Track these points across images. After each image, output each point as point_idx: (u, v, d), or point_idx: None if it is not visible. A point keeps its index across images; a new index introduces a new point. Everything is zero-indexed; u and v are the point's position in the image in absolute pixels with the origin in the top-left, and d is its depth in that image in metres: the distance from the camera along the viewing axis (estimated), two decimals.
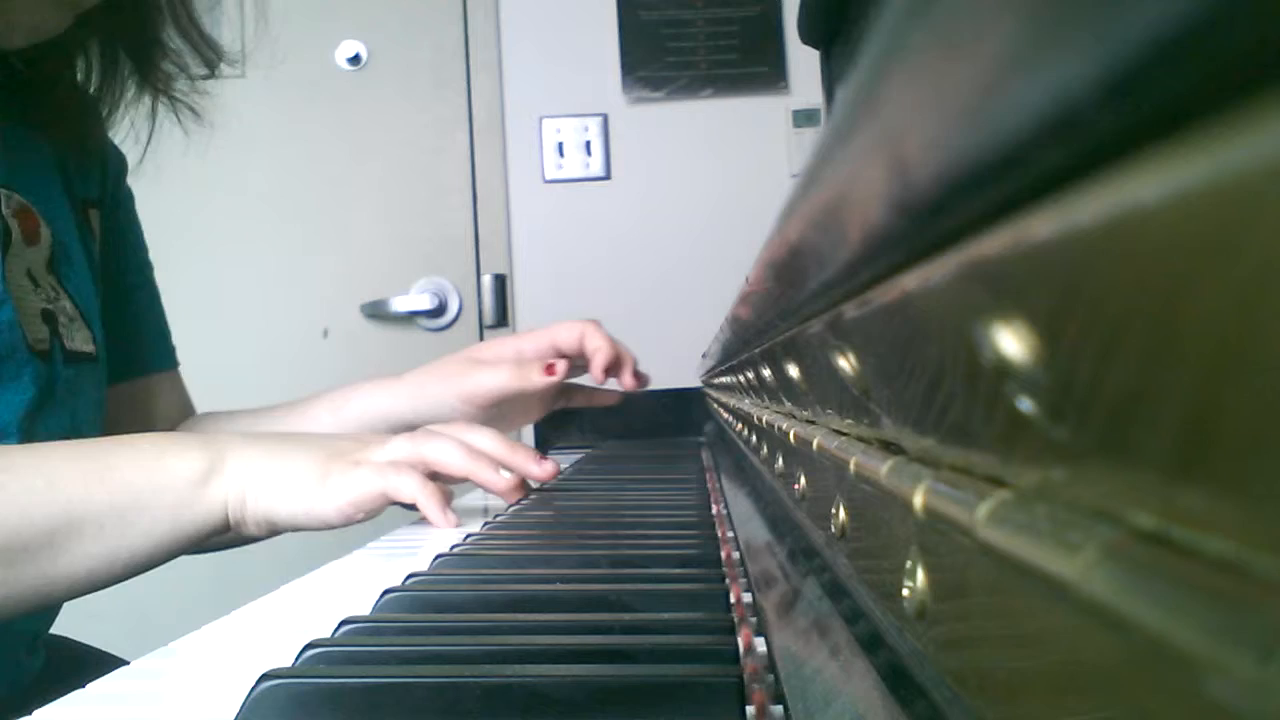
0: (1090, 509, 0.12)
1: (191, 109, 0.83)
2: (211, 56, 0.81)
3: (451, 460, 0.68)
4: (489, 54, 2.07)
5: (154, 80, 0.80)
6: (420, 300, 2.02)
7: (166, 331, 0.92)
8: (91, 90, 0.79)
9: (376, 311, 2.03)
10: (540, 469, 0.74)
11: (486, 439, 0.72)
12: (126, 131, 0.82)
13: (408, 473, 0.64)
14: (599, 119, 2.05)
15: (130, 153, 0.85)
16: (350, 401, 0.89)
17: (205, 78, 0.82)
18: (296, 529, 0.64)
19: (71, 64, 0.78)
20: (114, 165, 0.86)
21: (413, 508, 0.66)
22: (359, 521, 0.64)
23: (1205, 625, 0.09)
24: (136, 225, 0.90)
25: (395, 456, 0.66)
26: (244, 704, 0.30)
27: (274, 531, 0.64)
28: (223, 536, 0.63)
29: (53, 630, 0.80)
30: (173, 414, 0.92)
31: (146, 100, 0.81)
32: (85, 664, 0.80)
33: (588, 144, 2.05)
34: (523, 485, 0.75)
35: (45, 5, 0.65)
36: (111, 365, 0.80)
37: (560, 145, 2.05)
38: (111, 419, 0.80)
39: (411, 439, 0.68)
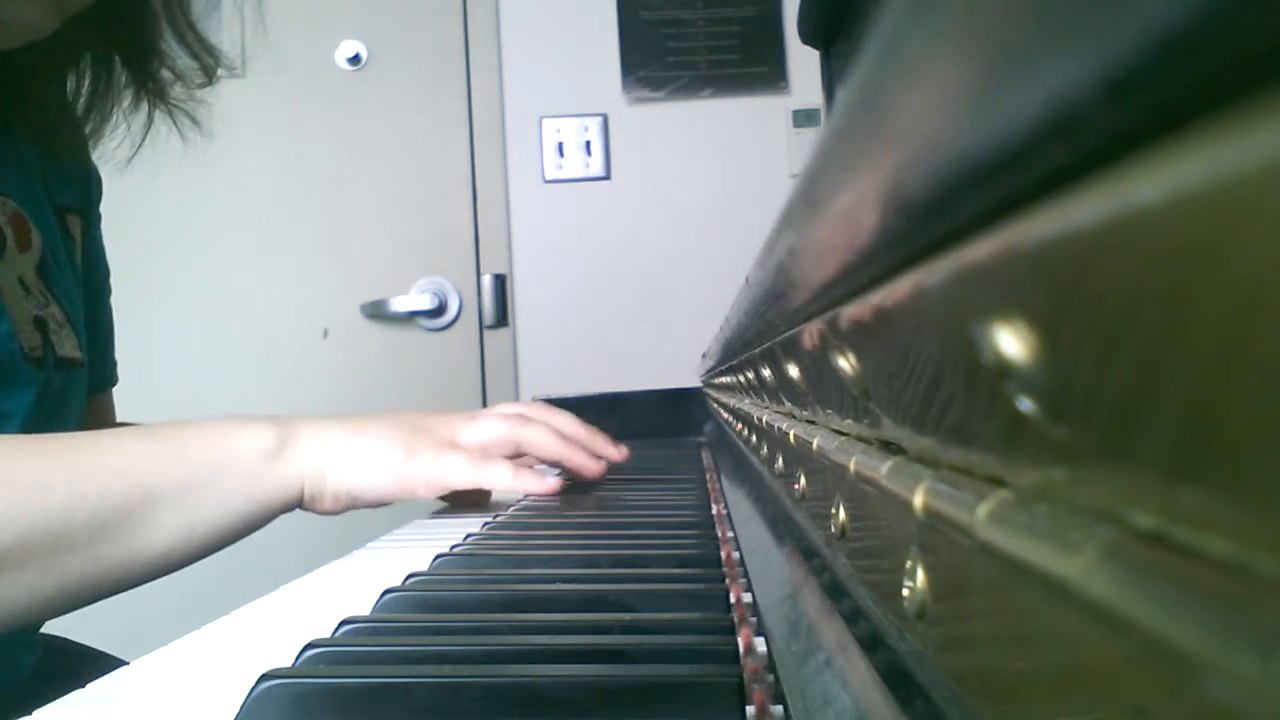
0: (1090, 509, 0.12)
1: (190, 116, 0.82)
2: (210, 63, 0.80)
3: (545, 445, 0.73)
4: (489, 54, 2.07)
5: (150, 88, 0.79)
6: (420, 300, 2.02)
7: (112, 348, 0.92)
8: (83, 100, 0.78)
9: (376, 311, 2.03)
10: (618, 453, 0.81)
11: (571, 423, 0.78)
12: (122, 136, 0.81)
13: (501, 464, 0.67)
14: (599, 119, 2.05)
15: (122, 152, 0.84)
16: None
17: (202, 85, 0.81)
18: (381, 503, 0.66)
19: (62, 74, 0.77)
20: (95, 184, 0.86)
21: None
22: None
23: (1205, 625, 0.09)
24: (103, 246, 0.90)
25: (488, 439, 0.70)
26: (244, 704, 0.30)
27: (353, 506, 0.65)
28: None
29: (50, 630, 0.80)
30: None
31: (143, 107, 0.80)
32: (82, 663, 0.80)
33: (588, 144, 2.05)
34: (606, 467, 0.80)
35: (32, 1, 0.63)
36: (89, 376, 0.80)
37: (560, 145, 2.05)
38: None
39: (506, 420, 0.72)
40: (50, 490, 0.53)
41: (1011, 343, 0.13)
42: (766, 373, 0.50)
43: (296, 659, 0.34)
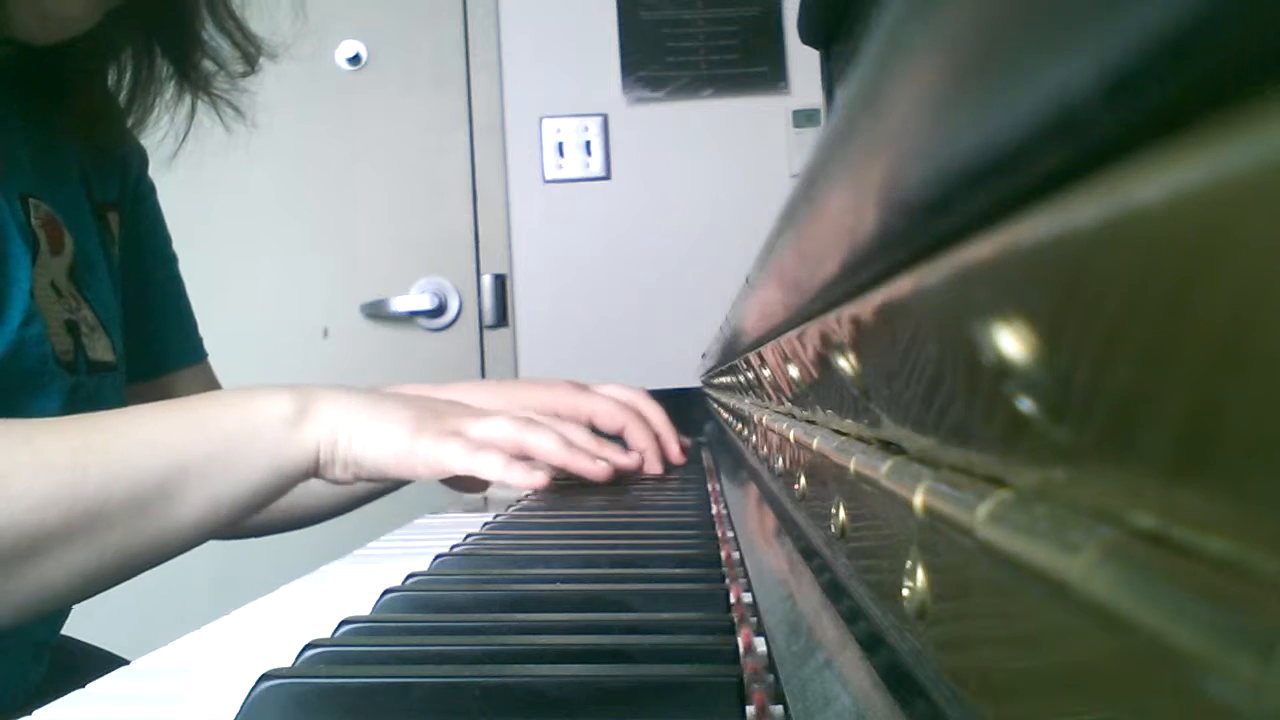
0: (1090, 509, 0.12)
1: (233, 106, 0.82)
2: (252, 52, 0.80)
3: (549, 452, 0.71)
4: (489, 54, 2.07)
5: (193, 78, 0.79)
6: (420, 300, 2.02)
7: (192, 325, 0.92)
8: (124, 93, 0.78)
9: (376, 311, 2.03)
10: (629, 459, 0.79)
11: (580, 433, 0.76)
12: (166, 129, 0.81)
13: (495, 453, 0.67)
14: (599, 119, 2.05)
15: (166, 148, 0.84)
16: None
17: (244, 74, 0.81)
18: (382, 476, 0.67)
19: (104, 67, 0.77)
20: (135, 161, 0.85)
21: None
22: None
23: (1205, 625, 0.09)
24: (160, 219, 0.89)
25: (493, 437, 0.70)
26: (244, 704, 0.30)
27: (359, 477, 0.67)
28: (326, 501, 0.64)
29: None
30: None
31: (186, 99, 0.80)
32: (87, 663, 0.80)
33: (588, 144, 2.05)
34: (615, 472, 0.78)
35: None
36: (135, 365, 0.80)
37: (560, 145, 2.05)
38: None
39: (514, 423, 0.71)
40: (87, 473, 0.55)
41: (1011, 343, 0.13)
42: (766, 373, 0.50)
43: (296, 659, 0.34)
